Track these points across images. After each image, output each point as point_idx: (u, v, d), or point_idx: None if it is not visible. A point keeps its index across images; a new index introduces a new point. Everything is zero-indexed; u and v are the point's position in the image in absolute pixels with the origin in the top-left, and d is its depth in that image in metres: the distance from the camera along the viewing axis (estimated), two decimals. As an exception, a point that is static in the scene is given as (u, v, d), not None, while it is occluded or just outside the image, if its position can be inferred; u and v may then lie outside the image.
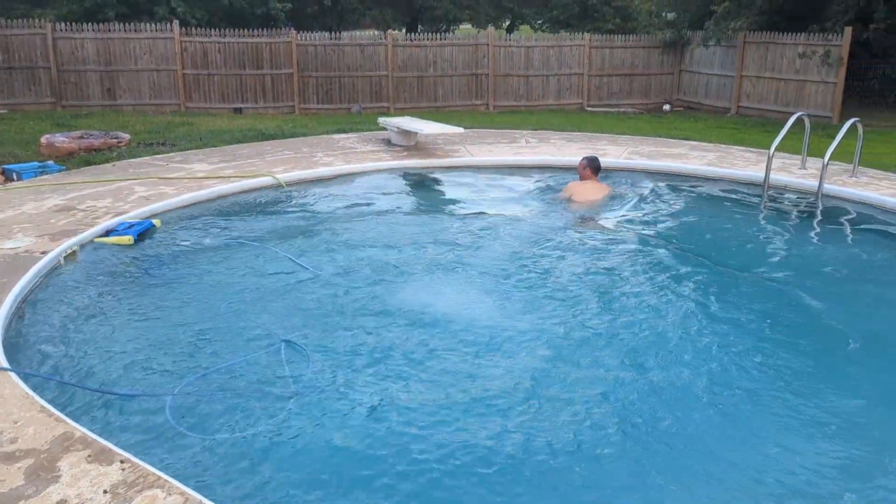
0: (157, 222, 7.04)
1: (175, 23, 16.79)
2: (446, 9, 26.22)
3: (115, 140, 10.97)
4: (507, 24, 31.08)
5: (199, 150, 11.01)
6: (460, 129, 11.37)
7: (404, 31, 26.54)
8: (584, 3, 24.70)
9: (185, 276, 5.91)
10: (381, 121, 12.39)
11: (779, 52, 16.17)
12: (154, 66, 16.68)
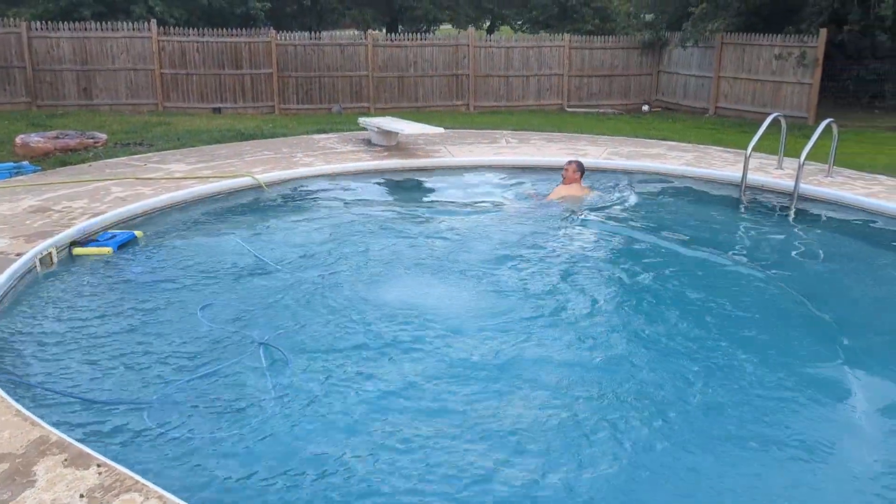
0: (139, 234, 6.88)
1: (152, 22, 16.63)
2: (426, 9, 26.20)
3: (92, 140, 10.84)
4: (488, 24, 31.12)
5: (176, 151, 10.92)
6: (441, 130, 11.38)
7: (384, 31, 26.50)
8: (564, 4, 24.80)
9: (164, 277, 5.86)
10: (361, 121, 12.36)
11: (755, 54, 16.35)
12: (131, 65, 16.51)
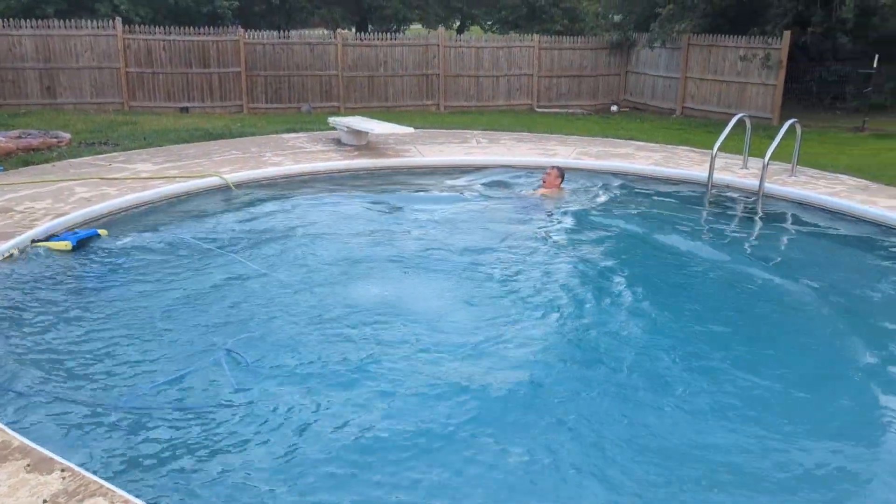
0: (103, 232, 6.79)
1: (117, 20, 16.36)
2: (396, 8, 26.14)
3: (56, 139, 10.65)
4: (457, 24, 31.16)
5: (143, 150, 10.76)
6: (411, 129, 11.37)
7: (354, 30, 26.39)
8: (533, 5, 24.92)
9: (128, 278, 5.77)
10: (331, 120, 12.30)
11: (721, 55, 16.58)
12: (96, 63, 16.22)
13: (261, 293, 5.51)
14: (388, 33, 19.27)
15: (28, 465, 3.08)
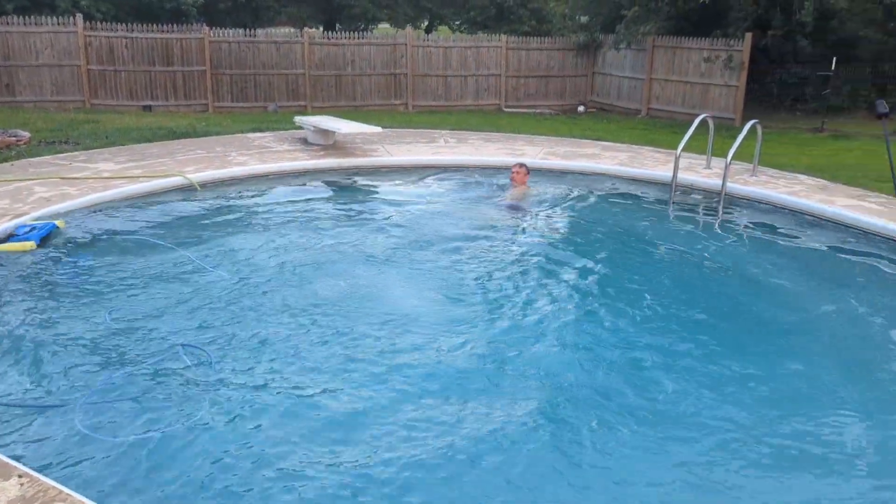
0: (60, 223, 6.67)
1: (78, 17, 16.05)
2: (364, 7, 26.06)
3: (14, 138, 10.41)
4: (426, 24, 31.15)
5: (104, 149, 10.58)
6: (378, 129, 11.33)
7: (321, 29, 26.23)
8: (501, 5, 25.02)
9: (88, 280, 5.67)
10: (297, 120, 12.22)
11: (685, 57, 16.83)
12: (56, 61, 15.90)
13: (222, 293, 5.45)
14: (356, 32, 19.18)
15: (-16, 471, 3.02)
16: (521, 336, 4.94)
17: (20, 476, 2.98)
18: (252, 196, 8.63)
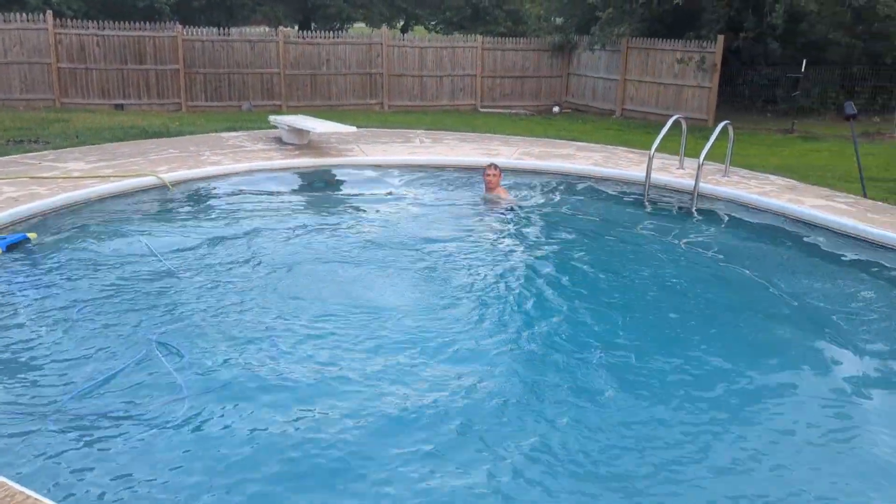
0: (32, 235, 6.53)
1: (48, 13, 15.81)
2: (340, 7, 25.98)
3: (-19, 137, 10.23)
4: (402, 24, 31.13)
5: (75, 149, 10.43)
6: (353, 129, 11.30)
7: (297, 28, 26.10)
8: (477, 6, 25.09)
9: (59, 281, 5.60)
10: (272, 119, 12.15)
11: (658, 58, 17.00)
12: (25, 58, 15.64)
13: (194, 293, 5.41)
14: (332, 31, 19.11)
15: (-51, 476, 2.96)
16: (491, 332, 4.97)
17: (-14, 480, 2.94)
18: (225, 196, 8.56)
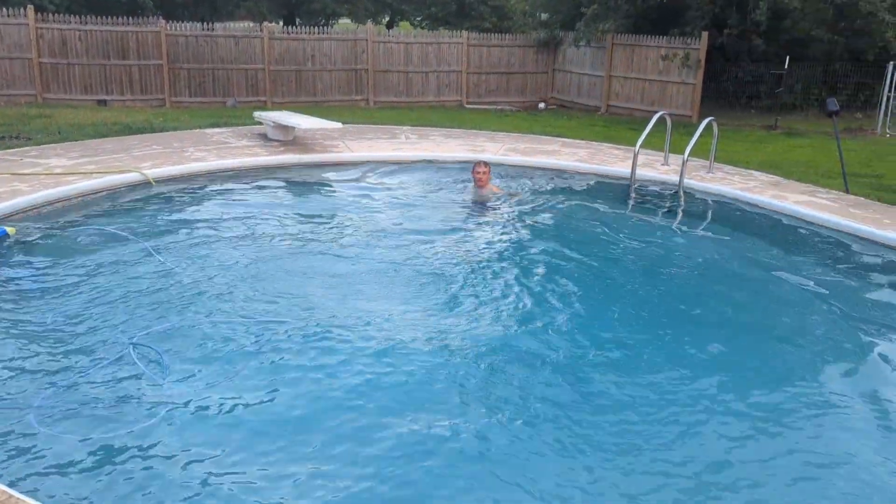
0: (11, 230, 6.47)
1: (29, 8, 15.63)
2: (324, 2, 25.89)
3: (-39, 133, 10.11)
4: (387, 19, 31.07)
5: (57, 145, 10.33)
6: (339, 125, 11.25)
7: (281, 24, 25.98)
8: (462, 2, 25.08)
9: (40, 278, 5.54)
10: (257, 115, 12.09)
11: (643, 54, 17.06)
12: (6, 53, 15.45)
13: (177, 291, 5.38)
14: (317, 27, 19.03)
15: (-72, 475, 2.93)
16: (477, 327, 4.98)
17: (-33, 479, 2.91)
18: (209, 192, 8.51)
